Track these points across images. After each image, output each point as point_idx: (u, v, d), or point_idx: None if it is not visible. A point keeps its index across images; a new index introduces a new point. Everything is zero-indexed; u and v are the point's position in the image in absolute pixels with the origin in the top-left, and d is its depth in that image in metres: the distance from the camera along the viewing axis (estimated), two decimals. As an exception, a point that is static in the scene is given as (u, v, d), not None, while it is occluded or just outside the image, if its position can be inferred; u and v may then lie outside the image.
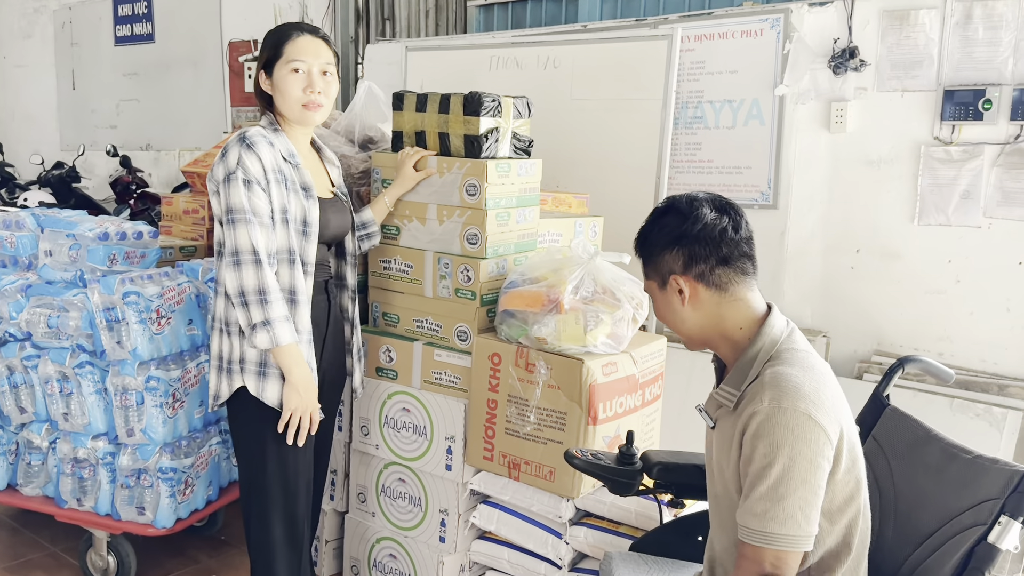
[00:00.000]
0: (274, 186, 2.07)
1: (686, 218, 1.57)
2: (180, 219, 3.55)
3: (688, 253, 1.55)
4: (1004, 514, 1.49)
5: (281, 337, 2.01)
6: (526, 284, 2.28)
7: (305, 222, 2.13)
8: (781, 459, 1.39)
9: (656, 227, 1.61)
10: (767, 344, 1.54)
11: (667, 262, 1.58)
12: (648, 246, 1.62)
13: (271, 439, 2.14)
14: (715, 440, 1.61)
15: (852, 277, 3.50)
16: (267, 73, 2.17)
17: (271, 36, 2.19)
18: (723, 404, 1.57)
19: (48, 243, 2.80)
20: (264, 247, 2.02)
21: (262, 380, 2.10)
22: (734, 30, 3.65)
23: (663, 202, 1.67)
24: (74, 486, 2.78)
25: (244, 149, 2.04)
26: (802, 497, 1.40)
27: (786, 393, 1.42)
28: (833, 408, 1.46)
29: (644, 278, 1.66)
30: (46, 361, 2.75)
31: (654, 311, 1.67)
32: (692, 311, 1.58)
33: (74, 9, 7.65)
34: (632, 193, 3.57)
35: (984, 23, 3.14)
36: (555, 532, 2.30)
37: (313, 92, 2.14)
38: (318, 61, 2.16)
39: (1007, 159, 3.14)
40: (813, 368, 1.50)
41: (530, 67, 3.87)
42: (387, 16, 5.61)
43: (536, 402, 2.27)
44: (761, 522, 1.41)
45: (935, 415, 2.90)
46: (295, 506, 2.20)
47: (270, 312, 2.00)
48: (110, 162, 6.64)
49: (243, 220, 2.00)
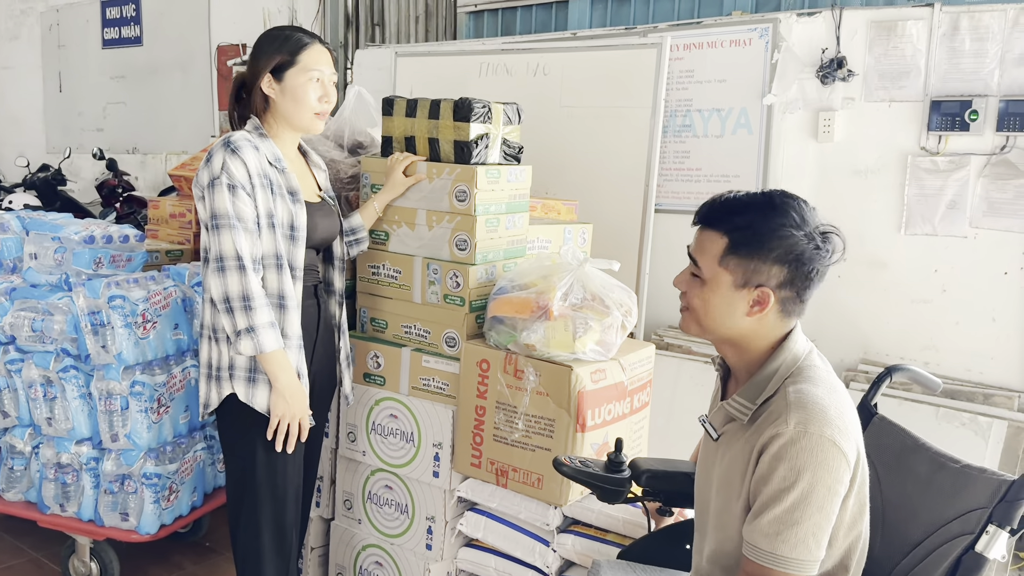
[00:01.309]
0: (259, 191, 2.05)
1: (809, 240, 1.44)
2: (167, 223, 3.54)
3: (790, 277, 1.45)
4: (991, 523, 1.50)
5: (266, 343, 1.99)
6: (515, 290, 2.28)
7: (292, 226, 2.11)
8: (801, 484, 1.36)
9: (773, 227, 1.44)
10: (788, 360, 1.49)
11: (765, 271, 1.45)
12: (752, 243, 1.45)
13: (261, 446, 2.12)
14: (720, 453, 1.56)
15: (839, 285, 3.51)
16: (276, 78, 2.14)
17: (283, 40, 2.14)
18: (736, 417, 1.51)
19: (33, 246, 2.78)
20: (249, 252, 2.01)
21: (251, 386, 2.08)
22: (723, 39, 3.67)
23: (778, 194, 1.49)
24: (57, 491, 2.75)
25: (229, 154, 2.02)
26: (816, 523, 1.37)
27: (813, 417, 1.38)
28: (855, 431, 1.43)
29: (714, 262, 1.47)
30: (30, 365, 2.72)
31: (693, 293, 1.51)
32: (746, 320, 1.48)
33: (62, 11, 7.60)
34: (621, 200, 3.58)
35: (971, 35, 3.16)
36: (542, 540, 2.30)
37: (328, 102, 2.17)
38: (329, 70, 2.18)
39: (993, 170, 3.16)
40: (835, 389, 1.46)
41: (520, 74, 3.87)
42: (377, 21, 5.61)
43: (524, 409, 2.26)
44: (771, 543, 1.38)
45: (921, 424, 2.90)
46: (284, 514, 2.19)
47: (254, 319, 1.98)
48: (96, 165, 6.60)
49: (227, 225, 1.99)
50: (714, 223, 1.50)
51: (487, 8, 4.82)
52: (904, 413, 3.02)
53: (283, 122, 2.19)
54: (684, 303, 1.56)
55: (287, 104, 2.15)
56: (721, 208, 1.51)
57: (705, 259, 1.50)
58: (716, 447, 1.58)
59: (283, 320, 2.08)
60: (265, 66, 2.14)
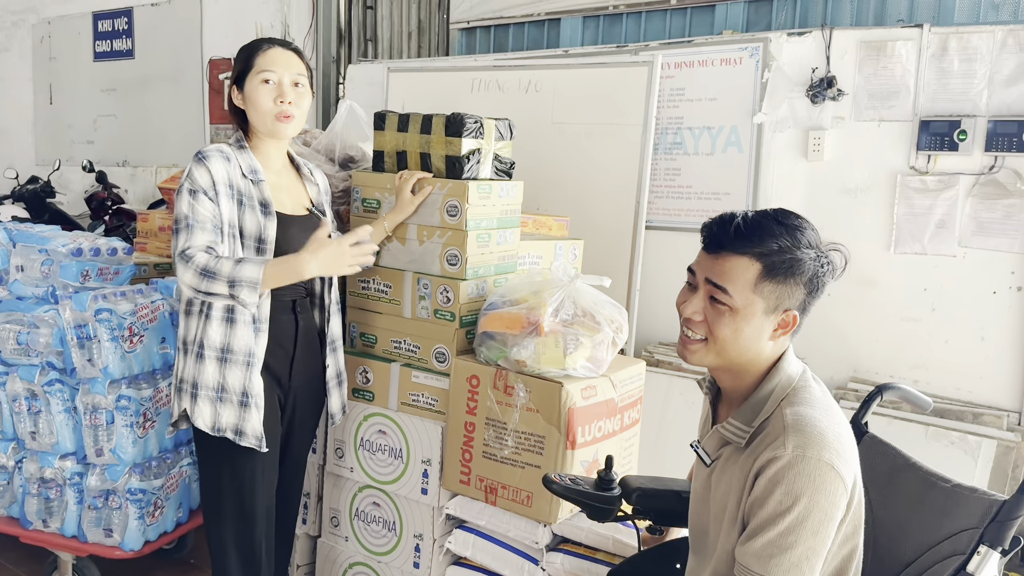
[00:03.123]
0: (224, 199, 2.06)
1: (820, 260, 1.44)
2: (156, 236, 3.52)
3: (809, 297, 1.45)
4: (983, 543, 1.49)
5: (251, 275, 1.95)
6: (506, 306, 2.27)
7: (260, 239, 2.11)
8: (797, 509, 1.34)
9: (804, 247, 1.42)
10: (784, 381, 1.47)
11: (795, 293, 1.43)
12: (789, 268, 1.41)
13: (226, 463, 2.13)
14: (715, 478, 1.53)
15: (829, 304, 3.50)
16: (239, 87, 2.17)
17: (242, 51, 2.19)
18: (731, 441, 1.49)
19: (20, 258, 2.76)
20: (201, 243, 2.00)
21: (194, 403, 2.10)
22: (714, 58, 3.69)
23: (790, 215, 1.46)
24: (40, 507, 2.72)
25: (195, 163, 2.07)
26: (810, 547, 1.35)
27: (811, 441, 1.36)
28: (851, 453, 1.41)
29: (748, 289, 1.42)
30: (15, 378, 2.69)
31: (721, 323, 1.44)
32: (766, 343, 1.46)
33: (53, 24, 7.59)
34: (612, 217, 3.59)
35: (960, 55, 3.19)
36: (531, 558, 2.27)
37: (284, 102, 2.13)
38: (289, 72, 2.15)
39: (982, 189, 3.18)
40: (831, 410, 1.45)
41: (512, 90, 3.88)
42: (369, 37, 5.62)
43: (514, 425, 2.25)
44: (764, 566, 1.36)
45: (910, 443, 2.90)
46: (251, 531, 2.18)
47: (222, 274, 1.95)
48: (86, 177, 6.58)
49: (185, 227, 2.02)
50: (742, 248, 1.42)
51: (479, 25, 4.84)
52: (894, 432, 3.02)
53: (257, 131, 2.19)
54: (700, 333, 1.48)
55: (250, 111, 2.16)
56: (747, 232, 1.42)
57: (737, 287, 1.42)
58: (710, 472, 1.55)
59: (229, 334, 2.08)
60: (232, 78, 2.19)
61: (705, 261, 1.47)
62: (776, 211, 1.46)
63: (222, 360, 2.08)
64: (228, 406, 2.09)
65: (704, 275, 1.46)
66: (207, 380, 2.08)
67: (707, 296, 1.46)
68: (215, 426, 2.09)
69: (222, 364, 2.08)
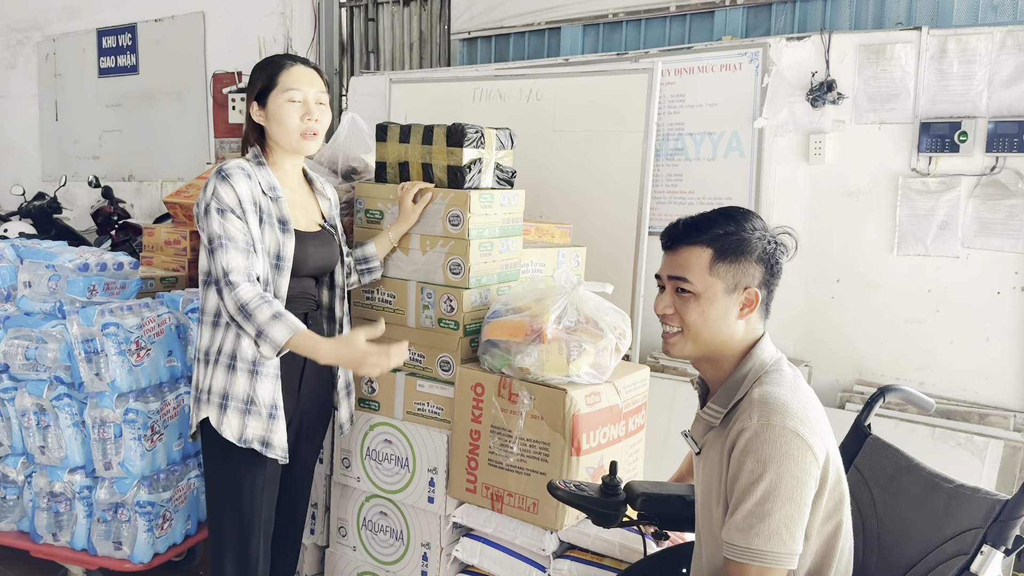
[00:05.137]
0: (250, 216, 2.08)
1: (771, 241, 1.57)
2: (162, 250, 3.54)
3: (768, 270, 1.56)
4: (986, 543, 1.50)
5: (277, 337, 1.97)
6: (509, 314, 2.28)
7: (279, 256, 2.13)
8: (768, 475, 1.40)
9: (748, 230, 1.56)
10: (757, 365, 1.56)
11: (750, 271, 1.55)
12: (737, 247, 1.55)
13: (229, 475, 2.15)
14: (703, 465, 1.61)
15: (833, 307, 3.52)
16: (260, 104, 2.18)
17: (264, 66, 2.20)
18: (710, 423, 1.58)
19: (27, 274, 2.78)
20: (240, 266, 2.02)
21: (223, 413, 2.10)
22: (714, 64, 3.70)
23: (734, 207, 1.62)
24: (50, 521, 2.73)
25: (219, 181, 2.07)
26: (787, 514, 1.40)
27: (775, 410, 1.44)
28: (820, 429, 1.47)
29: (705, 273, 1.54)
30: (23, 393, 2.71)
31: (688, 309, 1.56)
32: (737, 323, 1.56)
33: (58, 40, 7.65)
34: (614, 223, 3.60)
35: (959, 57, 3.20)
36: (538, 565, 2.28)
37: (311, 120, 2.16)
38: (313, 90, 2.18)
39: (983, 190, 3.19)
40: (799, 390, 1.53)
41: (513, 99, 3.90)
42: (371, 49, 5.65)
43: (519, 433, 2.25)
44: (746, 538, 1.41)
45: (917, 444, 2.90)
46: (247, 546, 2.19)
47: (258, 321, 1.98)
48: (92, 193, 6.61)
49: (220, 247, 2.03)
50: (692, 239, 1.57)
51: (480, 35, 4.86)
52: (901, 434, 3.02)
53: (277, 148, 2.20)
54: (675, 325, 1.60)
55: (274, 128, 2.17)
56: (693, 225, 1.58)
57: (694, 273, 1.55)
58: (699, 460, 1.64)
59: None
60: (251, 94, 2.19)
61: (666, 260, 1.62)
62: (721, 207, 1.62)
63: (253, 372, 2.10)
64: (256, 418, 2.10)
65: (667, 273, 1.61)
66: (237, 392, 2.10)
67: (673, 290, 1.59)
68: (242, 437, 2.10)
69: (253, 376, 2.10)
